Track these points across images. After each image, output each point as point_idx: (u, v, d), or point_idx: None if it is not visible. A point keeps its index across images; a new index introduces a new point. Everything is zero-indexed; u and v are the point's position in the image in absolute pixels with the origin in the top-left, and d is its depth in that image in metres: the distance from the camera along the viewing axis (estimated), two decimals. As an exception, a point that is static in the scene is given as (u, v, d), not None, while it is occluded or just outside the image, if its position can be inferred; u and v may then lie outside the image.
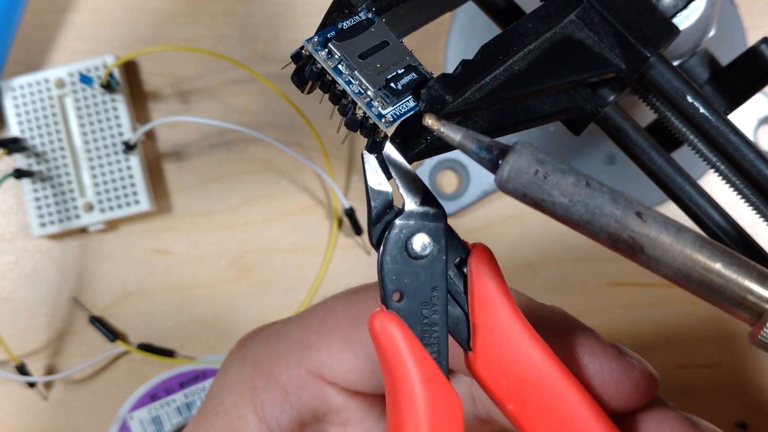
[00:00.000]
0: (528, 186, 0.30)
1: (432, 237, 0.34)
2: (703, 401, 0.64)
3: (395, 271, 0.34)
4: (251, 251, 0.67)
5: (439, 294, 0.34)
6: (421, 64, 0.34)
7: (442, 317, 0.34)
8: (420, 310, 0.34)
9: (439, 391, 0.34)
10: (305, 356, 0.40)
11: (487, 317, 0.34)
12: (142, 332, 0.66)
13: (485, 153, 0.31)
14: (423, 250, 0.34)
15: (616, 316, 0.65)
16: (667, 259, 0.31)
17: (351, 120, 0.33)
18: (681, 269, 0.31)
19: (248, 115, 0.67)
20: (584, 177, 0.31)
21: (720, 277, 0.31)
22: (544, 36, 0.38)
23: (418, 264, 0.34)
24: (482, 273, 0.35)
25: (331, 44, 0.33)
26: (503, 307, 0.35)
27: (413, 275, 0.34)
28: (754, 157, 0.41)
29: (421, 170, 0.66)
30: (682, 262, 0.31)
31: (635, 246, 0.31)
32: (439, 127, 0.31)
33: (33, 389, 0.65)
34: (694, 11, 0.51)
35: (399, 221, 0.34)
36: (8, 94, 0.65)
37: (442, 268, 0.34)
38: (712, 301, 0.32)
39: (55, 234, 0.65)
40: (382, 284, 0.34)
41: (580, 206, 0.30)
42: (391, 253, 0.34)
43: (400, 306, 0.34)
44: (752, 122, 0.65)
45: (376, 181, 0.34)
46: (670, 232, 0.31)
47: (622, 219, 0.31)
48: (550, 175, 0.30)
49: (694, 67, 0.51)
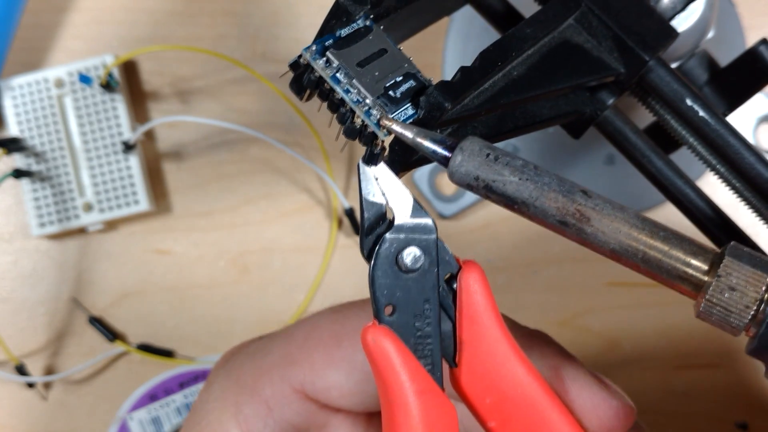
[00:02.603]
0: (480, 168, 0.32)
1: (423, 250, 0.34)
2: (703, 401, 0.65)
3: (387, 285, 0.34)
4: (251, 251, 0.67)
5: (432, 306, 0.34)
6: (420, 72, 0.34)
7: (435, 329, 0.34)
8: (413, 323, 0.34)
9: (434, 402, 0.34)
10: (288, 372, 0.40)
11: (474, 334, 0.34)
12: (141, 332, 0.66)
13: (438, 147, 0.32)
14: (414, 263, 0.34)
15: (616, 316, 0.65)
16: (612, 232, 0.32)
17: (350, 128, 0.33)
18: (624, 243, 0.32)
19: (248, 114, 0.67)
20: (531, 162, 0.33)
21: (661, 251, 0.32)
22: (542, 41, 0.38)
23: (409, 277, 0.34)
24: (472, 290, 0.34)
25: (329, 52, 0.33)
26: (491, 325, 0.35)
27: (405, 288, 0.34)
28: (754, 160, 0.41)
29: (420, 172, 0.66)
30: (626, 234, 0.32)
31: (582, 219, 0.32)
32: (391, 126, 0.32)
33: (32, 389, 0.65)
34: (693, 13, 0.51)
35: (390, 235, 0.34)
36: (7, 94, 0.65)
37: (434, 281, 0.34)
38: (655, 275, 0.33)
39: (55, 234, 0.65)
40: (374, 298, 0.34)
41: (529, 184, 0.32)
42: (382, 267, 0.34)
43: (393, 319, 0.34)
44: (751, 121, 0.65)
45: (370, 192, 0.34)
46: (615, 206, 0.32)
47: (569, 194, 0.32)
48: (501, 158, 0.32)
49: (693, 69, 0.51)
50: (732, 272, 0.32)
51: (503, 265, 0.66)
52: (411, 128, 0.32)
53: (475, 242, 0.66)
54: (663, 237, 0.32)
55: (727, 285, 0.32)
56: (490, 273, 0.65)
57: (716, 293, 0.32)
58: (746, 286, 0.32)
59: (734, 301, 0.32)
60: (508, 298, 0.66)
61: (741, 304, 0.32)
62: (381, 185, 0.34)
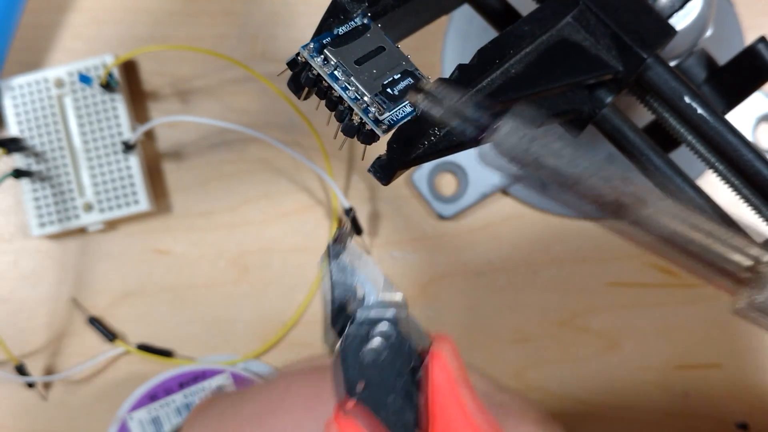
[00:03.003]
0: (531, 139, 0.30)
1: (392, 331, 0.34)
2: (703, 401, 0.64)
3: (356, 364, 0.33)
4: (251, 251, 0.67)
5: (405, 380, 0.34)
6: (418, 69, 0.34)
7: (406, 403, 0.33)
8: (385, 398, 0.33)
9: None
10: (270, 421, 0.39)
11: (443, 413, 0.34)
12: (141, 332, 0.66)
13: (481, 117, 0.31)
14: (383, 342, 0.34)
15: (616, 316, 0.65)
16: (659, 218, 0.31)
17: (348, 126, 0.33)
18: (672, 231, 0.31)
19: (248, 114, 0.67)
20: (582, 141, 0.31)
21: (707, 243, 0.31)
22: (540, 39, 0.38)
23: (380, 355, 0.34)
24: (445, 368, 0.34)
25: (327, 50, 0.33)
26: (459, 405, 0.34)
27: (376, 365, 0.33)
28: (753, 157, 0.41)
29: (419, 173, 0.66)
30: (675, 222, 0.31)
31: (637, 201, 0.31)
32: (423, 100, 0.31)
33: (32, 389, 0.65)
34: (691, 11, 0.51)
35: (360, 313, 0.34)
36: (7, 94, 0.65)
37: (406, 355, 0.34)
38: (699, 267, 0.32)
39: (54, 234, 0.65)
40: (345, 376, 0.33)
41: (584, 160, 0.31)
42: (352, 346, 0.34)
43: (365, 395, 0.33)
44: (751, 120, 0.65)
45: (339, 272, 0.34)
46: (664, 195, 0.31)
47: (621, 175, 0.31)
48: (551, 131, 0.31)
49: (692, 67, 0.51)
50: None
51: (503, 265, 0.66)
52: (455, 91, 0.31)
53: (475, 242, 0.66)
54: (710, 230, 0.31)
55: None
56: (490, 273, 0.66)
57: None
58: None
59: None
60: (508, 298, 0.66)
61: None
62: (351, 263, 0.34)
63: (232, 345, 0.65)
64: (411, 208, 0.67)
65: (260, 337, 0.65)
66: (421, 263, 0.66)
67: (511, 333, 0.66)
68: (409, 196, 0.66)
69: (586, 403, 0.65)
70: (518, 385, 0.65)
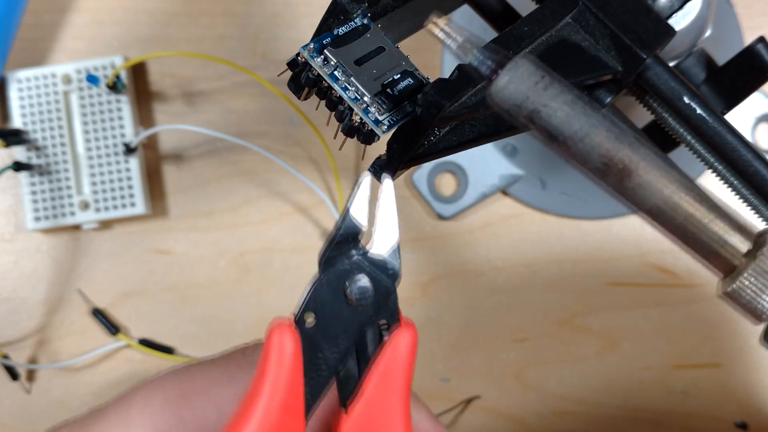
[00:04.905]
0: (528, 91, 0.29)
1: (375, 289, 0.34)
2: (703, 401, 0.65)
3: (323, 296, 0.34)
4: (251, 251, 0.67)
5: (347, 341, 0.34)
6: (417, 69, 0.34)
7: (336, 363, 0.34)
8: (321, 345, 0.33)
9: (289, 423, 0.33)
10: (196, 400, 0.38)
11: (378, 393, 0.34)
12: (141, 332, 0.66)
13: (486, 57, 0.30)
14: (360, 296, 0.34)
15: (616, 316, 0.65)
16: (656, 189, 0.30)
17: (348, 126, 0.33)
18: (666, 203, 0.30)
19: (251, 115, 0.67)
20: (585, 96, 0.30)
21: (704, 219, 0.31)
22: (539, 39, 0.38)
23: (346, 304, 0.34)
24: (398, 352, 0.34)
25: (327, 51, 0.33)
26: (398, 393, 0.34)
27: (336, 310, 0.34)
28: (751, 157, 0.41)
29: (419, 173, 0.66)
30: (669, 195, 0.30)
31: (625, 170, 0.30)
32: (442, 26, 0.31)
33: (31, 394, 0.65)
34: (690, 11, 0.51)
35: (356, 257, 0.34)
36: (14, 86, 0.65)
37: (365, 321, 0.34)
38: (690, 244, 0.31)
39: (49, 229, 0.65)
40: (305, 300, 0.33)
41: (579, 120, 0.30)
42: (330, 280, 0.34)
43: (308, 329, 0.33)
44: (750, 120, 0.65)
45: (358, 208, 0.34)
46: (665, 162, 0.30)
47: (619, 139, 0.30)
48: (552, 85, 0.30)
49: (691, 68, 0.51)
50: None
51: (503, 265, 0.66)
52: (461, 31, 0.30)
53: (475, 242, 0.66)
54: (709, 205, 0.31)
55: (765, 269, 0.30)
56: (490, 273, 0.66)
57: (753, 274, 0.30)
58: None
59: None
60: (508, 298, 0.66)
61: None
62: (376, 208, 0.34)
63: (232, 345, 0.65)
64: (411, 208, 0.67)
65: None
66: (421, 263, 0.66)
67: (511, 333, 0.66)
68: (409, 196, 0.67)
69: (586, 403, 0.65)
70: (518, 385, 0.65)
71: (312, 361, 0.33)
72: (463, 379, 0.65)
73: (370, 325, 0.34)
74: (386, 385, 0.34)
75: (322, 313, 0.33)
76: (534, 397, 0.65)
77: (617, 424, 0.65)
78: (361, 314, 0.34)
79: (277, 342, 0.33)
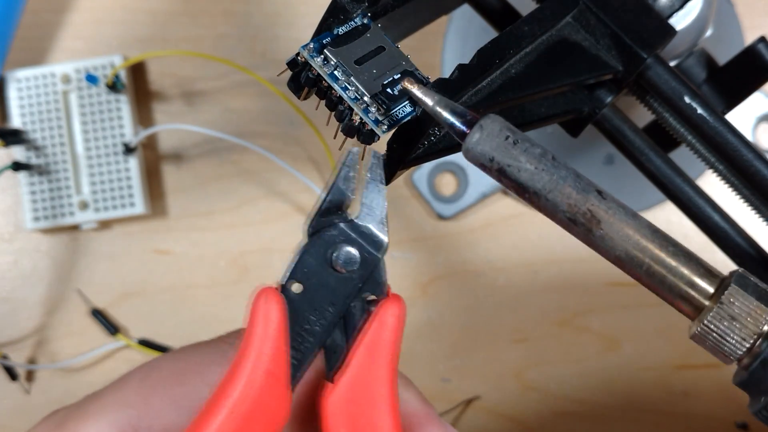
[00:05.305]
0: (497, 150, 0.31)
1: (362, 260, 0.34)
2: (703, 401, 0.64)
3: (310, 264, 0.33)
4: (251, 251, 0.67)
5: (333, 313, 0.33)
6: (418, 69, 0.34)
7: (323, 333, 0.33)
8: (308, 315, 0.33)
9: (273, 391, 0.32)
10: (119, 415, 0.37)
11: (364, 364, 0.33)
12: (141, 332, 0.66)
13: (457, 120, 0.31)
14: (346, 264, 0.33)
15: (616, 316, 0.65)
16: (621, 238, 0.31)
17: (348, 126, 0.33)
18: (632, 251, 0.31)
19: (251, 114, 0.67)
20: (551, 152, 0.31)
21: (667, 267, 0.31)
22: (540, 39, 0.37)
23: (333, 274, 0.33)
24: (386, 323, 0.34)
25: (327, 50, 0.33)
26: (384, 365, 0.34)
27: (323, 279, 0.33)
28: (752, 157, 0.41)
29: (419, 173, 0.66)
30: (635, 243, 0.31)
31: (592, 220, 0.31)
32: (412, 89, 0.31)
33: (31, 395, 0.65)
34: (691, 11, 0.51)
35: (343, 225, 0.34)
36: (13, 85, 0.65)
37: (353, 293, 0.34)
38: (657, 290, 0.32)
39: (48, 229, 0.65)
40: (292, 269, 0.33)
41: (545, 174, 0.31)
42: (317, 248, 0.33)
43: (293, 297, 0.33)
44: (751, 120, 0.65)
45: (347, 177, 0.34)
46: (628, 213, 0.32)
47: (584, 192, 0.31)
48: (520, 143, 0.31)
49: (692, 67, 0.51)
50: (735, 301, 0.31)
51: (503, 265, 0.66)
52: (432, 95, 0.31)
53: (475, 242, 0.66)
54: (672, 252, 0.31)
55: (728, 313, 0.31)
56: (490, 273, 0.66)
57: (715, 320, 0.31)
58: (747, 318, 0.31)
59: (732, 331, 0.31)
60: (508, 298, 0.66)
61: (738, 336, 0.31)
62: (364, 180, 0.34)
63: (232, 345, 0.65)
64: (411, 208, 0.67)
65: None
66: (421, 263, 0.66)
67: (511, 333, 0.66)
68: (409, 196, 0.66)
69: (586, 403, 0.65)
70: (518, 385, 0.65)
71: (298, 331, 0.33)
72: (464, 380, 0.65)
73: (357, 298, 0.34)
74: (373, 357, 0.33)
75: (308, 281, 0.33)
76: (534, 397, 0.65)
77: (617, 424, 0.65)
78: (348, 284, 0.34)
79: (263, 307, 0.33)
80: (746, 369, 0.32)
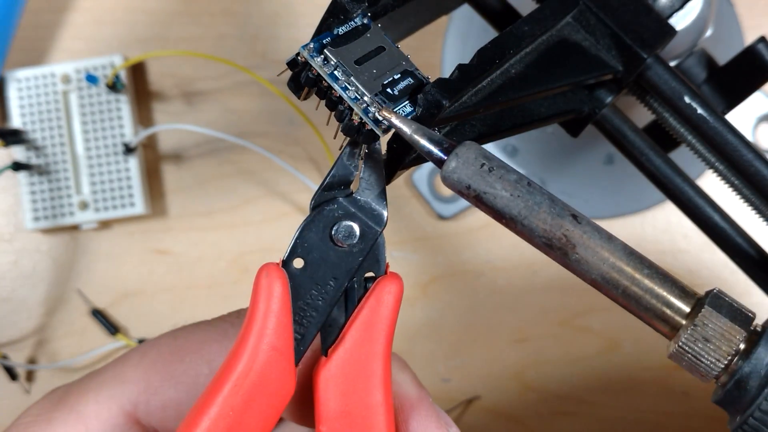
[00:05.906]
0: (473, 177, 0.31)
1: (361, 234, 0.34)
2: (704, 401, 0.64)
3: (311, 239, 0.34)
4: (251, 251, 0.67)
5: (335, 287, 0.34)
6: (418, 69, 0.34)
7: (325, 308, 0.34)
8: (311, 289, 0.34)
9: (278, 365, 0.33)
10: (118, 390, 0.38)
11: (359, 340, 0.34)
12: (141, 332, 0.66)
13: (435, 148, 0.32)
14: (346, 239, 0.34)
15: (616, 316, 0.65)
16: (597, 261, 0.32)
17: (348, 126, 0.33)
18: (608, 274, 0.32)
19: (251, 114, 0.67)
20: (526, 177, 0.32)
21: (643, 288, 0.32)
22: (540, 39, 0.38)
23: (334, 249, 0.34)
24: (382, 300, 0.34)
25: (327, 50, 0.33)
26: (378, 342, 0.34)
27: (324, 255, 0.34)
28: (752, 157, 0.41)
29: (419, 173, 0.66)
30: (611, 266, 0.32)
31: (568, 244, 0.32)
32: (390, 118, 0.32)
33: (30, 395, 0.65)
34: (691, 11, 0.51)
35: (342, 200, 0.34)
36: (13, 85, 0.65)
37: (353, 267, 0.34)
38: (634, 310, 0.32)
39: (48, 229, 0.65)
40: (292, 244, 0.34)
41: (520, 201, 0.31)
42: (318, 224, 0.34)
43: (296, 273, 0.33)
44: (751, 120, 0.65)
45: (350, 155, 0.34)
46: (603, 236, 0.32)
47: (559, 217, 0.32)
48: (495, 170, 0.31)
49: (692, 67, 0.51)
50: (708, 323, 0.31)
51: (503, 265, 0.66)
52: (410, 124, 0.32)
53: (475, 242, 0.66)
54: (647, 274, 0.32)
55: (701, 335, 0.31)
56: (490, 273, 0.66)
57: (689, 342, 0.31)
58: (720, 339, 0.31)
59: (706, 352, 0.31)
60: (508, 298, 0.66)
61: (713, 357, 0.31)
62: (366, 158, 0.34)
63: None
64: (411, 208, 0.67)
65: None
66: (421, 263, 0.66)
67: (511, 333, 0.66)
68: (409, 196, 0.66)
69: (587, 403, 0.65)
70: (518, 385, 0.65)
71: (301, 306, 0.33)
72: (464, 380, 0.65)
73: (357, 274, 0.34)
74: (368, 333, 0.34)
75: (309, 256, 0.34)
76: (534, 397, 0.65)
77: (617, 424, 0.65)
78: (349, 259, 0.34)
79: (265, 282, 0.33)
80: (723, 387, 0.32)
